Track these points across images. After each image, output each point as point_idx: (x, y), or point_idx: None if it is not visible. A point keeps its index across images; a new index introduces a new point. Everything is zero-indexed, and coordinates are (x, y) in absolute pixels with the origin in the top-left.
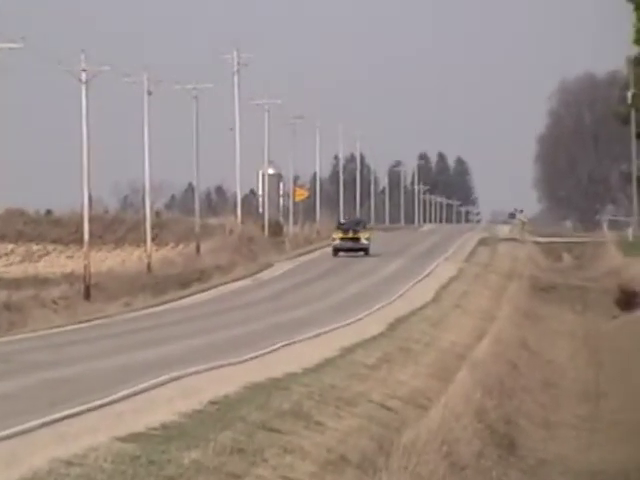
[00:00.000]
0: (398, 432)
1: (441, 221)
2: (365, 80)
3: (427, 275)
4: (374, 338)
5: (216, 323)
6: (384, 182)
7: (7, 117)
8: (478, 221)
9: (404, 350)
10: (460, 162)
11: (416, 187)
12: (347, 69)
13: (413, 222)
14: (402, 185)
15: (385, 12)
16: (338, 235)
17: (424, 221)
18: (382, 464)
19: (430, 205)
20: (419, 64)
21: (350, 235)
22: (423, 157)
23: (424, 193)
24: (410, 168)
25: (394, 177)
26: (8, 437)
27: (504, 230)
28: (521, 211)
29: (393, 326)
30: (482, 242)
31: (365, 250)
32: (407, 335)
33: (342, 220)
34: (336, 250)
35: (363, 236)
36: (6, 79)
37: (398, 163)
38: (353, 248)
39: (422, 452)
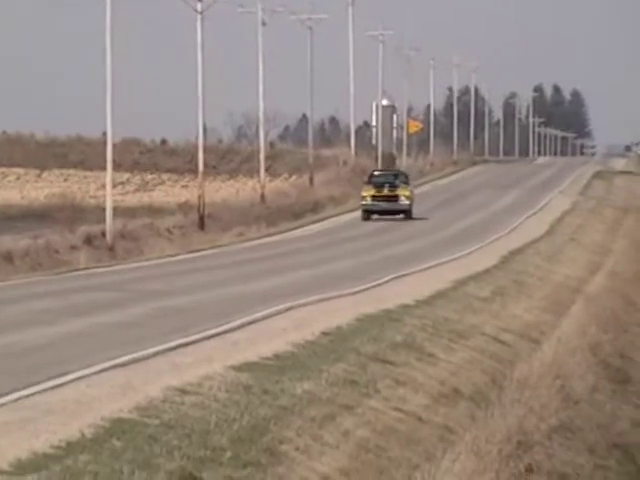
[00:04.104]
0: (511, 365)
1: (556, 154)
2: (479, 10)
3: (541, 208)
4: (487, 271)
5: (328, 254)
6: (498, 114)
7: (124, 47)
8: (593, 154)
9: (517, 283)
10: (575, 94)
11: (531, 119)
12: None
13: (527, 155)
14: (517, 117)
15: None
16: (369, 192)
17: (539, 154)
18: (495, 397)
19: (545, 138)
20: None
21: (385, 192)
22: (538, 89)
23: (539, 126)
24: (525, 100)
25: (508, 109)
26: (123, 364)
27: (620, 163)
28: (637, 144)
29: (506, 259)
30: (597, 175)
31: (406, 212)
32: (521, 268)
33: (375, 172)
34: (367, 212)
35: (402, 193)
36: (123, 9)
37: (513, 95)
38: (389, 210)
39: (535, 386)
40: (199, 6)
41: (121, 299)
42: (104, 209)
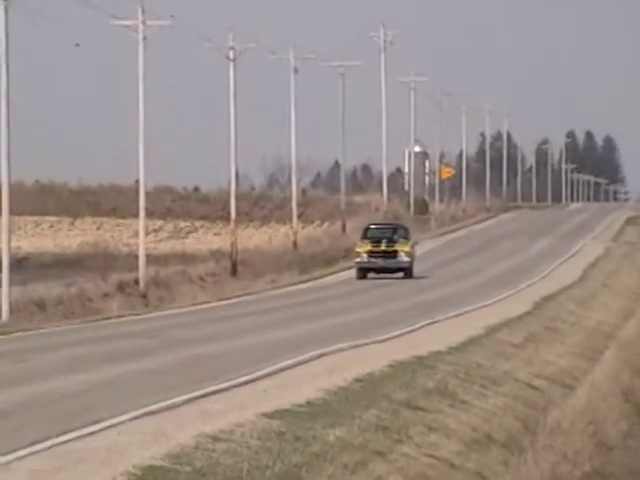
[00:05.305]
0: (544, 411)
1: (588, 200)
2: (511, 57)
3: (574, 254)
4: (520, 317)
5: (360, 301)
6: (531, 160)
7: (156, 95)
8: (626, 200)
9: (550, 329)
10: (608, 140)
11: (563, 166)
12: (493, 46)
13: (560, 201)
14: (549, 163)
15: None
16: (364, 248)
17: (571, 200)
18: (528, 443)
19: (577, 184)
20: (568, 43)
21: (383, 248)
22: (570, 135)
23: (571, 172)
24: (557, 146)
25: (541, 155)
26: (155, 412)
27: None
28: None
29: (539, 305)
30: (630, 221)
31: (405, 270)
32: (553, 314)
33: (372, 225)
34: (362, 270)
35: (402, 249)
36: (155, 56)
37: (545, 141)
38: (387, 268)
39: (568, 432)
40: (231, 53)
41: (153, 347)
42: (137, 257)
